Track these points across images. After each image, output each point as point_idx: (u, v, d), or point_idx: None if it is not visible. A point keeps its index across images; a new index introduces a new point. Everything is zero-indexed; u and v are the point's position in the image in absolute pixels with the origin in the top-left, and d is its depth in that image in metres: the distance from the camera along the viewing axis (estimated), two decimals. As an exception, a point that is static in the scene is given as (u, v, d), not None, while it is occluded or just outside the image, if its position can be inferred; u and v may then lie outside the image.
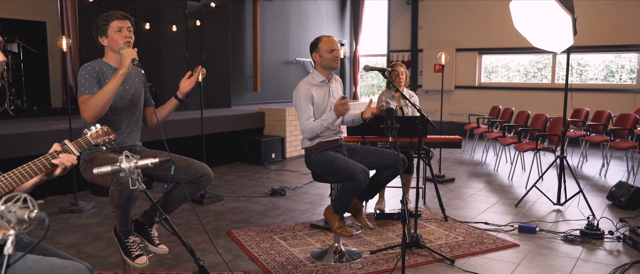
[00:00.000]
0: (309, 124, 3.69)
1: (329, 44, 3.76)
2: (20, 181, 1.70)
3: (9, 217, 1.29)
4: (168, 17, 8.58)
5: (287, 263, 3.73)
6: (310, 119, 3.71)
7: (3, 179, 1.68)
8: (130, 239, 2.96)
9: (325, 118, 3.67)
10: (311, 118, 3.72)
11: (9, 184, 1.68)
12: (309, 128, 3.67)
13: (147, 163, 1.91)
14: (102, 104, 2.76)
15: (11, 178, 1.68)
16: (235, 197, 5.82)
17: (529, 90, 10.86)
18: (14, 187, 1.69)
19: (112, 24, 2.97)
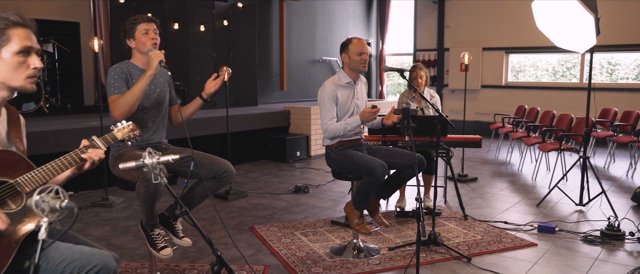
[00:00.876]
0: (331, 125, 3.79)
1: (359, 46, 3.83)
2: (53, 174, 1.85)
3: (43, 206, 1.43)
4: (196, 18, 8.78)
5: (307, 258, 3.84)
6: (333, 120, 3.80)
7: (38, 173, 1.82)
8: (156, 231, 3.11)
9: (349, 122, 3.77)
10: (334, 119, 3.81)
11: (42, 178, 1.82)
12: (332, 129, 3.77)
13: (168, 159, 2.04)
14: (131, 104, 2.91)
15: (45, 172, 1.83)
16: (259, 194, 5.96)
17: (557, 89, 10.76)
18: (47, 180, 1.84)
19: (139, 27, 3.12)
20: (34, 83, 1.86)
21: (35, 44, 1.85)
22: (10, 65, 1.79)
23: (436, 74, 12.22)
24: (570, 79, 10.99)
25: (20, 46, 1.80)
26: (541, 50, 10.82)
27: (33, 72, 1.84)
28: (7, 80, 1.82)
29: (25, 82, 1.84)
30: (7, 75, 1.81)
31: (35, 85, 1.87)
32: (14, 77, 1.82)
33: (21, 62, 1.81)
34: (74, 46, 8.61)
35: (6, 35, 1.78)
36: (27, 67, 1.83)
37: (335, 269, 3.63)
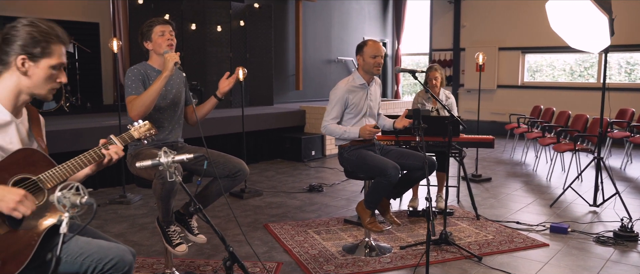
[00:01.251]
0: (330, 125, 3.90)
1: (374, 49, 3.88)
2: (73, 171, 1.94)
3: (64, 202, 1.52)
4: (213, 18, 8.89)
5: (319, 256, 3.90)
6: (334, 120, 3.90)
7: (58, 170, 1.91)
8: (172, 228, 3.19)
9: (348, 131, 3.84)
10: (335, 120, 3.90)
11: (63, 174, 1.91)
12: (330, 129, 3.89)
13: (182, 158, 2.11)
14: (147, 104, 3.00)
15: (65, 169, 1.92)
16: (274, 192, 6.04)
17: (573, 90, 10.68)
18: (67, 177, 1.93)
19: (155, 29, 3.21)
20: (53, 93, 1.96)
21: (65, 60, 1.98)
22: (43, 76, 1.91)
23: (452, 74, 12.21)
24: (588, 79, 10.91)
25: (57, 62, 1.92)
26: (558, 50, 10.75)
27: (57, 85, 1.96)
28: (34, 88, 1.92)
29: (47, 92, 1.96)
30: (37, 83, 1.92)
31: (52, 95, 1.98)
32: (41, 87, 1.93)
33: (52, 75, 1.93)
34: (93, 46, 8.78)
35: (50, 48, 1.89)
36: (54, 80, 1.95)
37: (346, 267, 3.69)
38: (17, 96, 1.92)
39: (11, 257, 1.71)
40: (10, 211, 1.68)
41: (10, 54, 1.87)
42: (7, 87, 1.90)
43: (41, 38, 1.87)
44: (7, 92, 1.90)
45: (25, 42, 1.86)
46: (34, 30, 1.86)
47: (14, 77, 1.90)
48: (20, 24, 1.88)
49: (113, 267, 1.90)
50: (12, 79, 1.90)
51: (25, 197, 1.71)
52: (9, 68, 1.89)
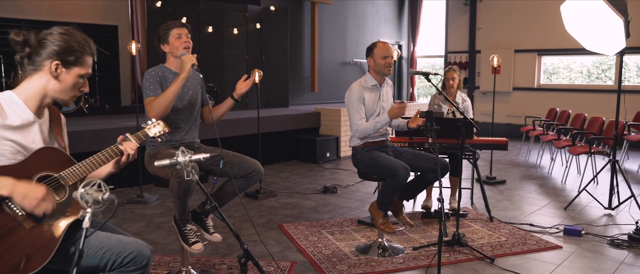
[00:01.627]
0: (361, 125, 3.89)
1: (384, 50, 3.93)
2: (93, 168, 2.02)
3: (87, 198, 1.60)
4: (230, 21, 8.98)
5: (333, 256, 3.95)
6: (362, 120, 3.91)
7: (79, 167, 1.99)
8: (188, 227, 3.27)
9: (378, 120, 3.86)
10: (363, 119, 3.92)
11: (83, 171, 1.99)
12: (362, 128, 3.88)
13: (199, 157, 2.18)
14: (166, 105, 3.07)
15: (85, 166, 2.00)
16: (288, 193, 6.10)
17: (590, 92, 10.61)
18: (87, 174, 2.01)
19: (172, 32, 3.29)
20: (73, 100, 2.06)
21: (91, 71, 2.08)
22: (71, 82, 2.01)
23: (467, 76, 12.18)
24: (606, 82, 10.82)
25: (85, 72, 2.04)
26: (574, 53, 10.69)
27: (79, 93, 2.07)
28: (60, 93, 2.02)
29: (69, 99, 2.06)
30: (63, 89, 2.02)
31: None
32: (66, 93, 2.03)
33: (78, 83, 2.04)
34: (112, 49, 8.93)
35: (83, 58, 2.01)
36: (78, 88, 2.05)
37: (359, 267, 3.73)
38: (42, 98, 2.01)
39: (37, 250, 1.78)
40: (32, 209, 1.76)
41: (44, 57, 1.97)
42: (34, 88, 1.99)
43: (77, 47, 1.99)
44: (33, 93, 1.99)
45: (61, 49, 1.96)
46: (71, 40, 1.98)
47: (44, 80, 1.99)
48: (56, 31, 1.98)
49: (131, 261, 1.98)
50: (41, 81, 1.99)
51: (46, 195, 1.79)
52: (40, 70, 1.99)
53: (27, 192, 1.77)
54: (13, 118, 1.92)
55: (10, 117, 1.91)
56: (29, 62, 1.97)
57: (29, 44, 1.97)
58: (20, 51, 1.98)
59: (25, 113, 1.97)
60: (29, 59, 1.97)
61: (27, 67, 1.99)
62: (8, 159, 1.89)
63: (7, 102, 1.93)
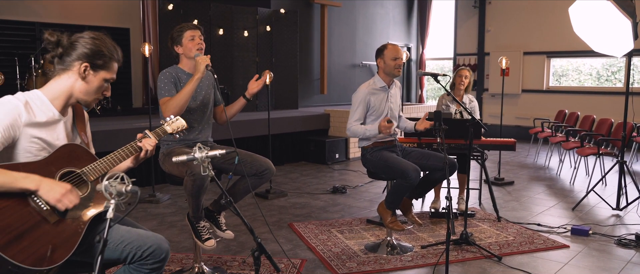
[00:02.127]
0: (354, 126, 4.02)
1: (394, 52, 4.01)
2: (113, 163, 2.11)
3: (111, 190, 1.68)
4: (240, 23, 9.09)
5: (342, 253, 4.02)
6: (357, 122, 4.02)
7: (100, 163, 2.08)
8: (201, 224, 3.35)
9: (369, 129, 3.94)
10: (359, 121, 4.02)
11: (105, 167, 2.08)
12: (353, 130, 4.01)
13: (216, 153, 2.27)
14: (181, 105, 3.16)
15: (106, 162, 2.09)
16: (298, 193, 6.18)
17: (599, 94, 10.60)
18: (108, 170, 2.09)
19: (186, 34, 3.38)
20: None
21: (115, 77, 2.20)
22: (95, 86, 2.12)
23: (477, 78, 12.21)
24: (616, 84, 10.82)
25: (110, 77, 2.15)
26: (584, 55, 10.69)
27: (102, 97, 2.18)
28: (85, 94, 2.12)
29: (92, 101, 2.16)
30: (88, 91, 2.12)
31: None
32: (90, 95, 2.13)
33: (102, 87, 2.15)
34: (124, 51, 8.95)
35: (110, 63, 2.13)
36: (102, 92, 2.16)
37: (369, 265, 3.80)
38: (68, 97, 2.11)
39: (61, 243, 1.87)
40: (56, 203, 1.85)
41: (74, 58, 2.07)
42: (61, 88, 2.09)
43: (106, 53, 2.10)
44: (60, 93, 2.08)
45: (92, 53, 2.07)
46: (102, 45, 2.09)
47: (71, 80, 2.09)
48: (88, 35, 2.09)
49: (151, 254, 2.06)
50: (68, 81, 2.09)
51: (70, 191, 1.89)
52: (69, 70, 2.09)
53: (52, 187, 1.86)
54: (39, 116, 2.01)
55: (37, 115, 2.00)
56: (59, 62, 2.08)
57: (61, 44, 2.07)
58: (52, 50, 2.08)
59: (50, 111, 2.06)
60: (60, 59, 2.07)
61: (56, 67, 2.09)
62: (34, 156, 1.98)
63: (34, 101, 2.02)
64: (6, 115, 1.90)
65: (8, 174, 1.81)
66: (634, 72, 10.33)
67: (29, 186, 1.83)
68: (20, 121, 1.93)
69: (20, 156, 1.97)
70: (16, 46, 8.45)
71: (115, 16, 9.39)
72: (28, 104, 1.98)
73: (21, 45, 8.51)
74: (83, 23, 9.15)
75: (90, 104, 2.16)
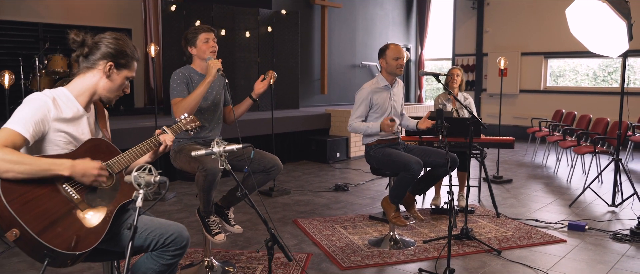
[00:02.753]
0: (355, 123, 4.16)
1: (396, 52, 4.15)
2: (136, 156, 2.24)
3: (140, 181, 1.80)
4: (242, 24, 9.20)
5: (346, 248, 4.14)
6: (359, 119, 4.16)
7: (123, 156, 2.21)
8: (211, 218, 3.47)
9: (370, 126, 4.08)
10: (360, 118, 4.16)
11: (128, 160, 2.21)
12: (355, 126, 4.15)
13: (232, 148, 2.39)
14: (192, 106, 3.29)
15: (129, 155, 2.22)
16: (301, 191, 6.30)
17: (596, 94, 10.75)
18: (131, 163, 2.22)
19: (200, 36, 3.50)
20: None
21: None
22: (118, 83, 2.26)
23: (475, 78, 12.36)
24: (612, 84, 10.96)
25: (131, 75, 2.29)
26: (581, 55, 10.84)
27: (122, 94, 2.31)
28: (108, 91, 2.26)
29: (114, 97, 2.30)
30: (111, 88, 2.26)
31: None
32: (113, 92, 2.27)
33: (123, 84, 2.29)
34: (127, 52, 9.13)
35: (131, 63, 2.27)
36: (122, 89, 2.30)
37: (372, 258, 3.92)
38: (92, 94, 2.24)
39: (91, 230, 1.99)
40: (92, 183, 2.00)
41: (99, 57, 2.20)
42: (85, 85, 2.21)
43: (129, 52, 2.25)
44: (84, 89, 2.21)
45: (116, 52, 2.21)
46: (124, 45, 2.23)
47: (96, 78, 2.22)
48: (110, 36, 2.23)
49: (173, 241, 2.18)
50: (93, 79, 2.22)
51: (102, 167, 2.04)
52: (94, 69, 2.22)
53: (85, 170, 1.99)
54: (66, 111, 2.14)
55: (64, 111, 2.13)
56: (84, 60, 2.21)
57: (86, 44, 2.21)
58: (77, 50, 2.21)
59: (75, 107, 2.19)
60: (85, 58, 2.20)
61: (81, 65, 2.22)
62: (61, 149, 2.11)
63: (61, 97, 2.15)
64: (36, 111, 2.03)
65: (42, 161, 1.95)
66: (629, 72, 10.48)
67: (63, 172, 1.96)
68: (49, 116, 2.06)
69: (49, 149, 2.10)
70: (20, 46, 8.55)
71: (117, 17, 9.50)
72: (55, 100, 2.11)
73: (25, 46, 8.61)
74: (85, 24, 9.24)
75: (112, 101, 2.29)
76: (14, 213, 1.81)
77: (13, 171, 1.87)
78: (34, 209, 1.87)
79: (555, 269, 3.75)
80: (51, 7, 9.08)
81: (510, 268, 3.76)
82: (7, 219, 1.82)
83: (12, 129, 1.96)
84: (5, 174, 1.86)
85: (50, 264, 1.88)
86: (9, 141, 1.92)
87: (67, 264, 1.95)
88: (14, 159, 1.87)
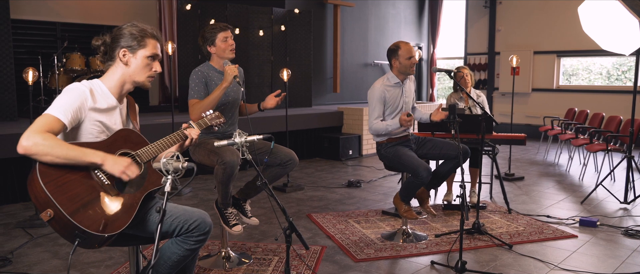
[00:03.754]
0: (376, 124, 4.17)
1: (408, 51, 4.19)
2: (163, 148, 2.34)
3: (168, 167, 1.90)
4: (256, 23, 9.32)
5: (360, 241, 4.23)
6: (378, 119, 4.18)
7: (151, 147, 2.31)
8: (229, 210, 3.57)
9: (390, 124, 4.11)
10: (379, 118, 4.19)
11: (155, 151, 2.31)
12: (375, 127, 4.17)
13: (253, 139, 2.49)
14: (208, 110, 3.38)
15: (156, 146, 2.32)
16: (314, 187, 6.39)
17: (609, 93, 10.73)
18: (158, 153, 2.32)
19: (219, 35, 3.60)
20: (151, 82, 2.38)
21: (160, 53, 2.39)
22: (140, 65, 2.33)
23: (487, 77, 12.38)
24: (626, 83, 10.94)
25: (151, 53, 2.35)
26: (593, 54, 10.83)
27: (153, 73, 2.38)
28: (134, 75, 2.34)
29: (145, 80, 2.37)
30: (136, 71, 2.33)
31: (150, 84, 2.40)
32: (140, 74, 2.35)
33: (148, 64, 2.35)
34: (142, 50, 9.27)
35: (144, 41, 2.32)
36: (150, 68, 2.36)
37: (385, 251, 4.00)
38: (122, 85, 2.34)
39: (121, 214, 2.10)
40: (121, 174, 2.09)
41: (116, 49, 2.31)
42: (114, 78, 2.32)
43: (137, 34, 2.31)
44: (115, 82, 2.32)
45: (124, 38, 2.30)
46: (133, 29, 2.31)
47: (119, 69, 2.32)
48: (123, 26, 2.32)
49: (196, 227, 2.29)
50: (117, 71, 2.33)
51: (131, 164, 2.12)
52: (114, 61, 2.33)
53: (116, 161, 2.10)
54: (101, 102, 2.25)
55: (99, 102, 2.24)
56: (107, 58, 2.32)
57: (105, 43, 2.33)
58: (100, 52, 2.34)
59: (110, 98, 2.30)
60: (107, 55, 2.31)
61: (106, 63, 2.34)
62: (94, 137, 2.22)
63: (96, 89, 2.26)
64: (75, 99, 2.15)
65: (78, 149, 2.06)
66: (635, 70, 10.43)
67: (95, 160, 2.07)
68: (86, 105, 2.19)
69: (83, 137, 2.22)
70: (39, 45, 8.73)
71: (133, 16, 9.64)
72: (92, 91, 2.23)
73: (44, 45, 8.79)
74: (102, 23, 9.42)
75: (146, 83, 2.37)
76: (50, 194, 1.92)
77: (51, 155, 1.98)
78: (67, 192, 1.98)
79: (566, 263, 3.81)
80: (69, 6, 9.25)
81: (521, 262, 3.82)
82: (43, 200, 1.94)
83: (52, 115, 2.08)
84: (43, 158, 1.98)
85: (80, 244, 1.99)
86: (49, 126, 2.04)
87: (95, 246, 2.06)
88: (53, 144, 1.99)
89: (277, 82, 9.38)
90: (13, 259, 3.84)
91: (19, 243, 4.21)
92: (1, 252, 4.00)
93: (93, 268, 3.68)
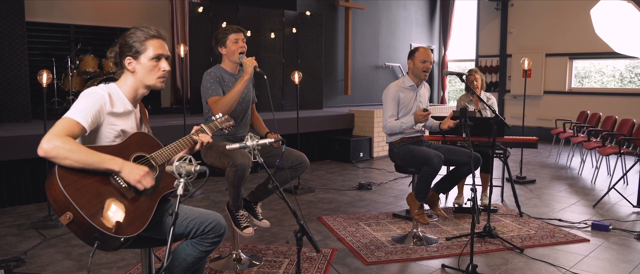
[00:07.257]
0: (390, 122, 4.23)
1: (424, 55, 4.26)
2: (176, 151, 2.36)
3: (181, 170, 1.92)
4: (267, 25, 9.35)
5: (370, 244, 4.23)
6: (392, 118, 4.23)
7: (165, 150, 2.34)
8: (240, 213, 3.59)
9: (405, 121, 4.18)
10: (393, 117, 4.24)
11: (169, 154, 2.34)
12: (389, 126, 4.22)
13: (265, 142, 2.51)
14: (231, 104, 3.43)
15: (170, 149, 2.35)
16: (325, 189, 6.40)
17: (621, 95, 10.65)
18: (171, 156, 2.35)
19: (230, 37, 3.63)
20: (163, 82, 2.38)
21: (166, 51, 2.39)
22: (146, 68, 2.33)
23: (498, 80, 12.33)
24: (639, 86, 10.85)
25: (154, 54, 2.34)
26: (606, 57, 10.75)
27: (162, 73, 2.37)
28: (144, 80, 2.35)
29: (156, 81, 2.37)
30: (144, 76, 2.34)
31: (163, 84, 2.40)
32: (149, 77, 2.35)
33: (154, 66, 2.35)
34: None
35: (144, 45, 2.32)
36: (158, 69, 2.36)
37: (396, 254, 4.00)
38: (135, 90, 2.37)
39: (138, 216, 2.12)
40: (136, 183, 2.11)
41: (123, 59, 2.34)
42: (128, 84, 2.36)
43: (137, 39, 2.31)
44: (129, 89, 2.35)
45: (128, 46, 2.32)
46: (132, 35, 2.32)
47: (129, 76, 2.35)
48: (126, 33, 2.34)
49: (211, 229, 2.31)
50: (128, 78, 2.36)
51: (147, 173, 2.14)
52: (124, 70, 2.36)
53: (132, 170, 2.12)
54: (118, 107, 2.29)
55: (116, 106, 2.27)
56: (119, 67, 2.37)
57: (116, 54, 2.36)
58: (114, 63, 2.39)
59: (126, 103, 2.33)
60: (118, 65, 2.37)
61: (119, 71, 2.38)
62: (111, 140, 2.26)
63: (114, 94, 2.30)
64: (95, 103, 2.18)
65: (97, 155, 2.08)
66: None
67: (113, 167, 2.09)
68: (105, 109, 2.22)
69: (100, 140, 2.25)
70: (53, 47, 8.83)
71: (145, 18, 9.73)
72: (111, 96, 2.26)
73: (57, 47, 8.89)
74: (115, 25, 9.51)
75: (157, 85, 2.37)
76: (69, 197, 1.95)
77: (70, 159, 2.01)
78: (86, 195, 2.01)
79: (577, 267, 3.79)
80: (83, 9, 9.34)
81: (533, 266, 3.81)
82: (62, 203, 1.96)
83: (73, 119, 2.10)
84: (62, 161, 2.01)
85: (99, 247, 2.02)
86: (69, 130, 2.07)
87: (113, 248, 2.09)
88: (73, 149, 2.02)
89: (289, 84, 9.40)
90: (27, 260, 3.88)
91: (33, 244, 4.26)
92: (15, 252, 4.05)
93: (105, 269, 3.72)
